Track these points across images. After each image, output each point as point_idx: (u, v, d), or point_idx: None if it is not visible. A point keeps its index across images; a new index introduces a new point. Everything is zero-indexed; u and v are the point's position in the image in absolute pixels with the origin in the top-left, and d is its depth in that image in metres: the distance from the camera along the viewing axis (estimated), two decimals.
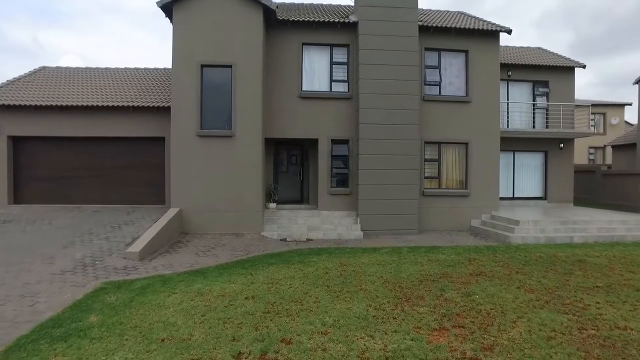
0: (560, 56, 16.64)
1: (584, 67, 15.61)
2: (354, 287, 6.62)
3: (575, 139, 16.16)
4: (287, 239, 10.68)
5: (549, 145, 15.79)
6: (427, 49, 12.37)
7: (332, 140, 12.10)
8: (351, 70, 12.13)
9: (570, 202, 15.96)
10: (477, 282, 7.05)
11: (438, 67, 12.49)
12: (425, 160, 12.44)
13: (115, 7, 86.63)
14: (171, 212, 10.58)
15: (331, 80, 12.18)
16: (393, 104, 11.63)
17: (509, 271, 7.71)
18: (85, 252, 8.06)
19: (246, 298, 6.03)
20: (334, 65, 12.19)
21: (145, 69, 15.36)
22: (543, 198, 15.94)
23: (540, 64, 15.45)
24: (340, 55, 12.20)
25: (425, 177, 12.48)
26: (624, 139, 21.00)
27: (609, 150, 27.24)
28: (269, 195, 12.61)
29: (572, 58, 16.25)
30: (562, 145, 15.91)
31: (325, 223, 11.60)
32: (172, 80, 11.15)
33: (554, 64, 15.52)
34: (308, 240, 10.72)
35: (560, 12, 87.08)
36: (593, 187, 18.05)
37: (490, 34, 12.52)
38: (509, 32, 12.37)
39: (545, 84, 15.75)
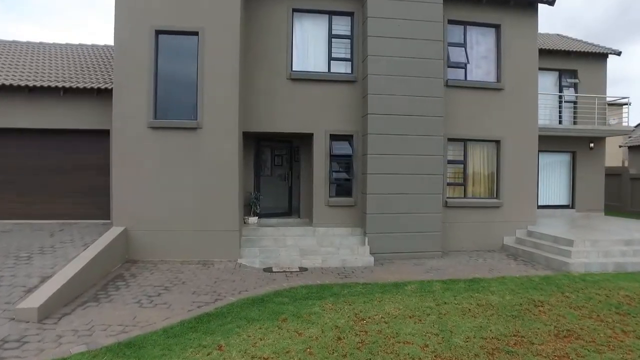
0: (587, 42, 14.45)
1: (619, 54, 13.44)
2: None
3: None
4: (274, 269, 7.86)
5: (577, 145, 13.57)
6: (450, 22, 9.77)
7: (331, 135, 9.35)
8: (356, 45, 9.41)
9: (601, 211, 13.78)
10: (577, 354, 4.46)
11: (463, 44, 9.93)
12: (448, 162, 9.83)
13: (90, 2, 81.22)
14: (111, 234, 7.60)
15: (330, 58, 9.43)
16: (411, 89, 8.98)
17: (610, 329, 5.16)
18: None
19: None
20: (333, 39, 9.44)
21: (93, 45, 12.24)
22: (570, 206, 13.70)
23: (570, 49, 13.19)
24: (342, 25, 9.46)
25: (448, 184, 9.88)
26: None
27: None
28: (249, 206, 9.76)
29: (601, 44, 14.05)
30: (592, 144, 13.71)
31: (323, 244, 8.84)
32: (114, 51, 8.15)
33: (585, 50, 13.30)
34: (301, 270, 7.93)
35: None
36: (620, 193, 15.97)
37: (527, 4, 10.04)
38: (551, 3, 9.94)
39: (573, 73, 13.51)
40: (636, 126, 23.47)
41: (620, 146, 19.95)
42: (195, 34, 8.18)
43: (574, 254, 8.10)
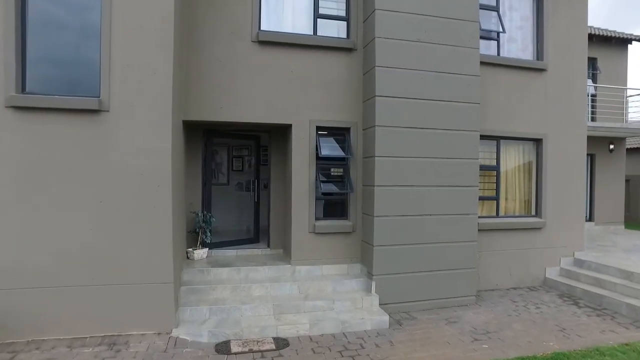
0: (602, 28, 12.50)
1: None
2: None
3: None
4: (233, 347, 4.70)
5: (595, 146, 11.49)
6: None
7: (317, 128, 6.34)
8: None
9: (621, 224, 11.89)
10: None
11: (496, 8, 7.29)
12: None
13: None
14: None
15: (316, 15, 6.42)
16: (436, 61, 6.17)
17: None
18: None
19: None
20: None
21: None
22: (588, 218, 11.63)
23: (590, 33, 11.10)
24: None
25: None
26: None
27: None
28: (194, 233, 6.52)
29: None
30: (612, 146, 11.73)
31: (309, 294, 5.79)
32: None
33: (607, 35, 11.31)
34: (279, 344, 4.82)
35: None
36: (629, 201, 14.29)
37: None
38: None
39: (592, 62, 11.46)
40: None
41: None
42: None
43: None
